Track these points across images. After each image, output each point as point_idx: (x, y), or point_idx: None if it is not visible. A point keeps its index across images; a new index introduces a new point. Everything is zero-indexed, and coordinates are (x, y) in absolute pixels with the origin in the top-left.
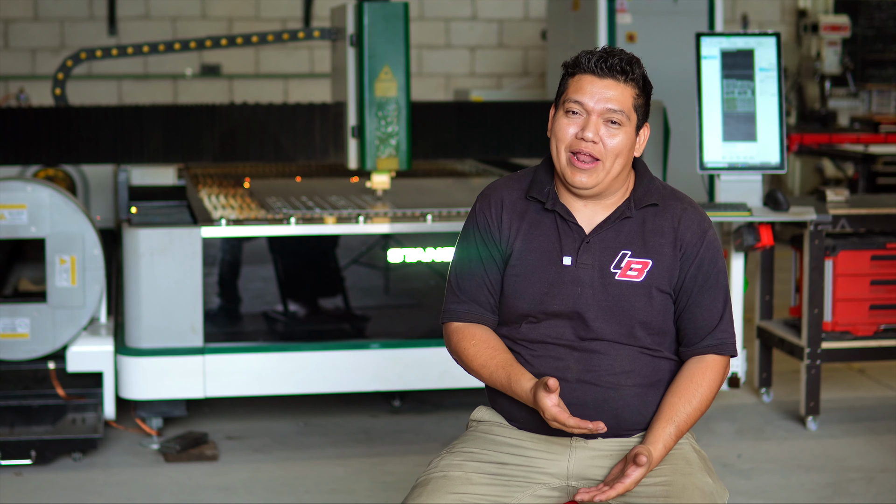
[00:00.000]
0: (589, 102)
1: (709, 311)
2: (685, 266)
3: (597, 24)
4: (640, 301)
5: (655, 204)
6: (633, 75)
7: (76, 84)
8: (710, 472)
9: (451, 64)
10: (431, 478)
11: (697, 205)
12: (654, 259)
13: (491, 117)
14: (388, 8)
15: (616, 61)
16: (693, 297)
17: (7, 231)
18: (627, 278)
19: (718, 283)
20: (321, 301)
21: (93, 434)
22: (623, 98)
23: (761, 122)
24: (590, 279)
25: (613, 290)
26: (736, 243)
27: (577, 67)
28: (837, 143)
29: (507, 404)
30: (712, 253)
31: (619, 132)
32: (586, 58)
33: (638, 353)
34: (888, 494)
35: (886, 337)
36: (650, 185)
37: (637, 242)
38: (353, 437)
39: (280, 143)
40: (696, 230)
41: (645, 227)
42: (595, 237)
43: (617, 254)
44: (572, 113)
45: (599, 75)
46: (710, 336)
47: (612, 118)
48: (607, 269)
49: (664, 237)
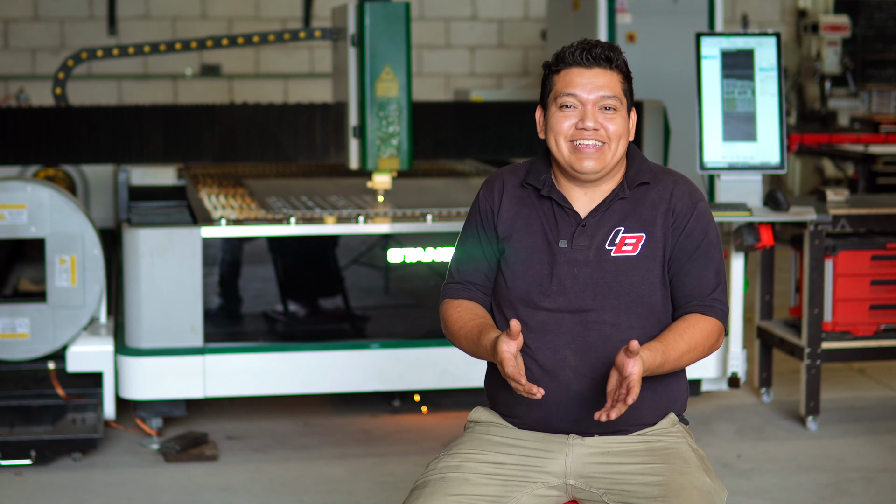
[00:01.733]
0: (582, 94)
1: (698, 279)
2: (675, 234)
3: (597, 24)
4: (636, 275)
5: (647, 182)
6: (617, 62)
7: (76, 84)
8: (707, 471)
9: (451, 64)
10: (429, 480)
11: (689, 180)
12: (647, 232)
13: (491, 117)
14: (389, 8)
15: (599, 51)
16: (682, 265)
17: (7, 231)
18: (623, 253)
19: (710, 255)
20: (321, 301)
21: (93, 434)
22: (613, 84)
23: (761, 122)
24: (585, 258)
25: (610, 266)
26: (736, 243)
27: (562, 63)
28: (837, 143)
29: (506, 400)
30: (703, 223)
31: (615, 116)
32: (569, 52)
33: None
34: (888, 494)
35: (886, 337)
36: (641, 166)
37: (630, 218)
38: (353, 437)
39: (280, 143)
40: (688, 200)
41: (638, 203)
42: (590, 220)
43: (611, 231)
44: (566, 107)
45: (587, 66)
46: (698, 301)
47: (607, 104)
48: (603, 247)
49: (656, 209)
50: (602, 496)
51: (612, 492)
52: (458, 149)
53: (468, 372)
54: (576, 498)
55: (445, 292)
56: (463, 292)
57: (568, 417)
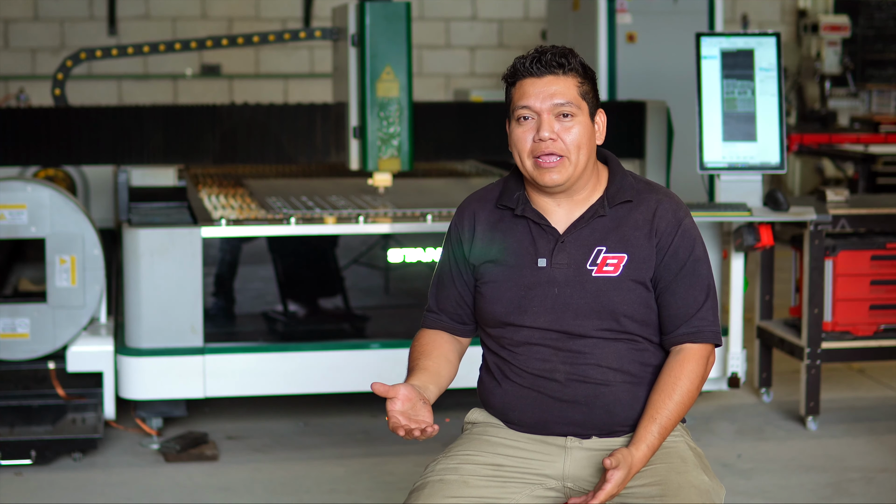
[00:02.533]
0: (535, 103)
1: (684, 299)
2: (660, 255)
3: (597, 24)
4: (618, 295)
5: (629, 200)
6: (570, 66)
7: (76, 84)
8: (706, 470)
9: (451, 64)
10: (428, 482)
11: (675, 195)
12: (629, 253)
13: (492, 117)
14: (389, 8)
15: (549, 57)
16: (668, 285)
17: (7, 231)
18: (604, 274)
19: (696, 272)
20: (321, 301)
21: (93, 434)
22: (567, 89)
23: (761, 122)
24: (565, 278)
25: (591, 286)
26: (736, 243)
27: (516, 75)
28: (837, 143)
29: (499, 406)
30: (688, 241)
31: (573, 123)
32: (521, 63)
33: (624, 347)
34: (888, 494)
35: (886, 337)
36: (623, 182)
37: (612, 238)
38: (353, 437)
39: (281, 143)
40: (671, 219)
41: (620, 222)
42: (569, 237)
43: (592, 251)
44: (523, 119)
45: (538, 75)
46: (685, 325)
47: (562, 111)
48: (583, 266)
49: (639, 229)
50: None
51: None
52: (459, 149)
53: (468, 372)
54: (574, 501)
55: (423, 320)
56: (437, 324)
57: (564, 420)
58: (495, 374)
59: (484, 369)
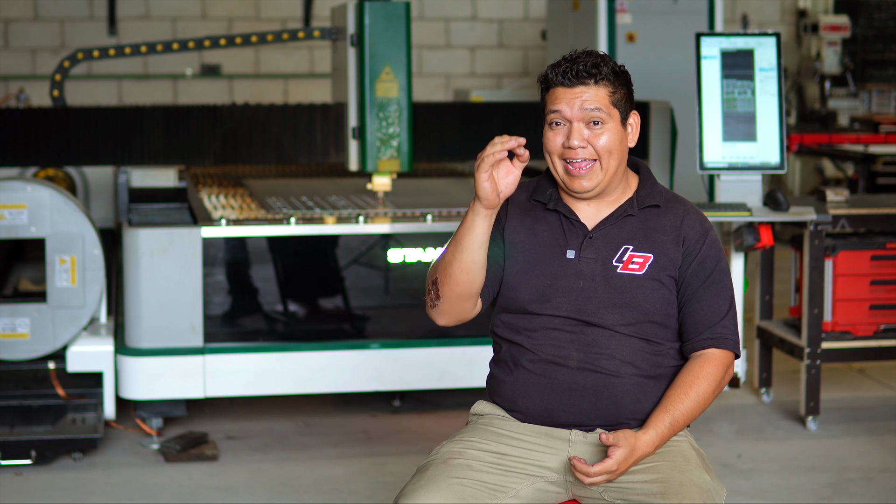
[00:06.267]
0: (566, 111)
1: (710, 306)
2: (687, 261)
3: (597, 24)
4: (641, 293)
5: (657, 205)
6: (601, 76)
7: (76, 84)
8: (707, 469)
9: (451, 64)
10: (432, 462)
11: (699, 209)
12: (655, 254)
13: (492, 118)
14: (389, 8)
15: (581, 67)
16: (695, 291)
17: (7, 231)
18: (629, 271)
19: (722, 283)
20: (321, 301)
21: (93, 434)
22: (598, 97)
23: (761, 122)
24: (591, 272)
25: (615, 282)
26: (736, 243)
27: (549, 82)
28: (837, 143)
29: (508, 395)
30: (715, 251)
31: (603, 130)
32: (553, 72)
33: (639, 345)
34: (888, 494)
35: (886, 337)
36: (653, 188)
37: (639, 238)
38: (353, 437)
39: (281, 144)
40: (699, 229)
41: (647, 224)
42: (598, 233)
43: (619, 248)
44: (556, 124)
45: (569, 85)
46: (709, 330)
47: (593, 118)
48: (609, 262)
49: (666, 234)
50: (602, 493)
51: (611, 489)
52: (459, 150)
53: (468, 372)
54: (576, 495)
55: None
56: None
57: (571, 409)
58: (508, 362)
59: (494, 363)
